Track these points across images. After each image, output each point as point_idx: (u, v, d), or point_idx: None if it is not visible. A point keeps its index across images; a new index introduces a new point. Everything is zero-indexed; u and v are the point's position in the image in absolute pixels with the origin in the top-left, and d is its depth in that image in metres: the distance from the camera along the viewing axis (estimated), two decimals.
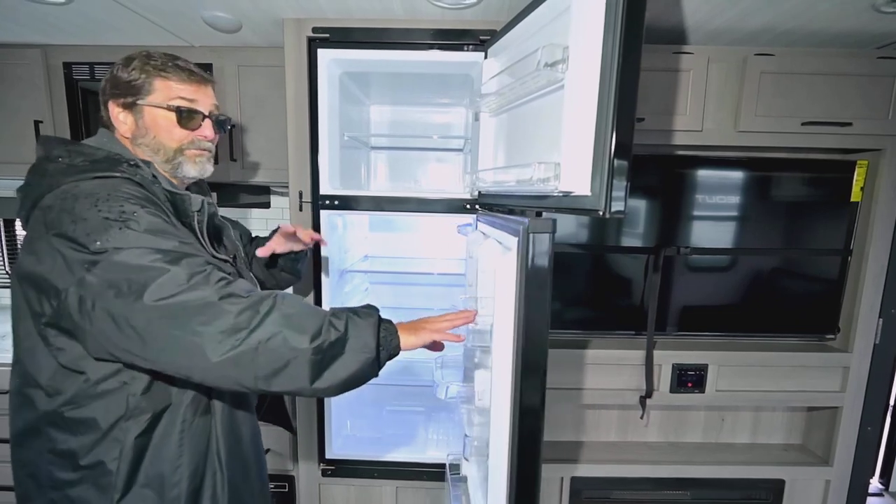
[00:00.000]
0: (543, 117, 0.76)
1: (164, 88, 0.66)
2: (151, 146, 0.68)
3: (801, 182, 1.27)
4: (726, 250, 1.29)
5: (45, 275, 0.55)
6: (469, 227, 1.20)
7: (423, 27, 1.09)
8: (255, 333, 0.53)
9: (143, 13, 1.09)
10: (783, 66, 1.14)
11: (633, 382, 1.28)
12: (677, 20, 1.07)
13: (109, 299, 0.52)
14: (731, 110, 1.18)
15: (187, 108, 0.68)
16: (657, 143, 1.19)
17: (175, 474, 0.62)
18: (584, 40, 0.60)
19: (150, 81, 0.66)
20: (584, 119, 0.60)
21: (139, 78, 0.65)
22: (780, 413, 1.42)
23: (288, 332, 0.54)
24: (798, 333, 1.34)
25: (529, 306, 0.62)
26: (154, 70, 0.66)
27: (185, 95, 0.67)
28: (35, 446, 0.60)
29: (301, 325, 0.55)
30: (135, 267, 0.53)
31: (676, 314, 1.31)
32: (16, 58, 1.28)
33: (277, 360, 0.54)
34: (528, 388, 0.63)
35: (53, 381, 0.59)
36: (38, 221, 0.58)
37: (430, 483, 1.24)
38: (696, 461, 1.32)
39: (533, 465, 0.66)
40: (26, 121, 1.30)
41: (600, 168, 0.58)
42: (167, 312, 0.52)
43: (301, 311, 0.58)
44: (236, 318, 0.53)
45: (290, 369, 0.54)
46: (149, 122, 0.67)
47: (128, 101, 0.66)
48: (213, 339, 0.52)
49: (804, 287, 1.31)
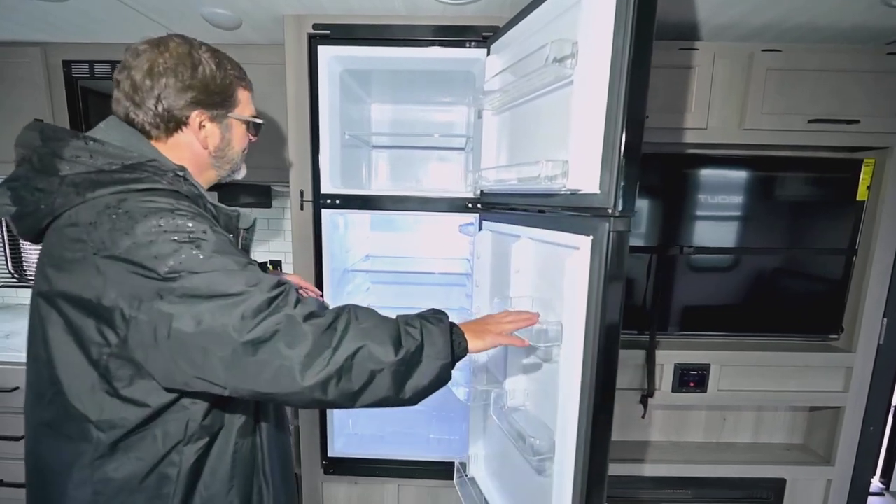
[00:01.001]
0: (550, 114, 0.75)
1: (246, 100, 0.66)
2: (227, 158, 0.66)
3: (806, 181, 1.26)
4: (730, 249, 1.28)
5: (102, 301, 0.49)
6: (471, 227, 1.20)
7: (425, 23, 1.08)
8: (339, 351, 0.52)
9: (143, 10, 1.08)
10: (790, 63, 1.13)
11: (634, 382, 1.27)
12: (684, 15, 1.05)
13: (188, 327, 0.48)
14: (737, 108, 1.16)
15: (260, 122, 0.68)
16: (661, 142, 1.18)
17: (229, 495, 0.61)
18: (593, 35, 0.59)
19: (235, 91, 0.63)
20: (594, 116, 0.60)
21: (229, 87, 0.62)
22: (782, 413, 1.41)
23: (372, 345, 0.54)
24: (801, 333, 1.34)
25: (607, 309, 0.60)
26: (236, 79, 0.63)
27: (255, 107, 0.68)
28: (84, 477, 0.54)
29: (381, 337, 0.55)
30: (213, 292, 0.49)
31: (679, 314, 1.31)
32: (16, 56, 1.28)
33: (363, 374, 0.53)
34: (603, 394, 0.62)
35: (109, 414, 0.53)
36: (71, 238, 0.51)
37: (433, 481, 1.25)
38: (698, 460, 1.32)
39: (602, 468, 0.65)
40: (27, 119, 1.28)
41: (610, 165, 0.57)
42: (253, 338, 0.49)
43: (377, 322, 0.57)
44: (320, 338, 0.51)
45: (375, 383, 0.54)
46: (234, 135, 0.65)
47: (220, 113, 0.62)
48: (301, 362, 0.50)
49: (808, 287, 1.30)
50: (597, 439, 0.64)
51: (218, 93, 0.60)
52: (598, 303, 0.61)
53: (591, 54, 0.60)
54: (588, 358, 0.64)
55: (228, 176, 0.70)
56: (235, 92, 0.63)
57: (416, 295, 1.54)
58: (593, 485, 0.65)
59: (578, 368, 0.66)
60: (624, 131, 0.55)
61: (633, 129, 0.55)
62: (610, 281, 0.60)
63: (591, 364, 0.64)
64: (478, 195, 1.09)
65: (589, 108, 0.60)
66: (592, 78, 0.59)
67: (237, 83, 0.64)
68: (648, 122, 1.14)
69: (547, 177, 0.66)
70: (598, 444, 0.64)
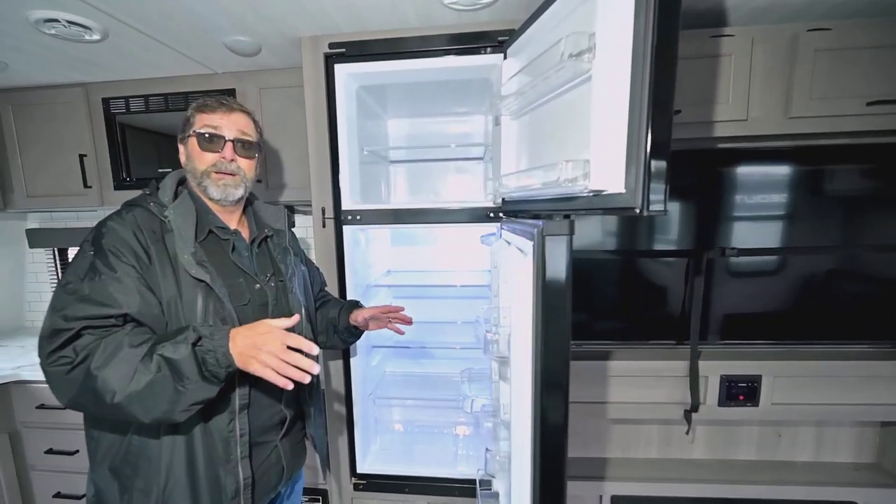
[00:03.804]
0: (569, 114, 0.71)
1: (199, 120, 0.77)
2: (190, 170, 0.78)
3: (863, 171, 1.13)
4: (777, 250, 1.17)
5: None
6: (493, 237, 1.17)
7: (439, 33, 1.07)
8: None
9: (171, 44, 1.14)
10: (842, 42, 1.02)
11: (675, 396, 1.19)
12: (715, 1, 0.97)
13: None
14: (782, 95, 1.06)
15: (210, 133, 0.76)
16: (696, 137, 1.10)
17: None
18: (612, 25, 0.55)
19: (194, 116, 0.77)
20: (615, 111, 0.55)
21: (189, 117, 0.78)
22: (847, 428, 1.28)
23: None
24: (867, 340, 1.20)
25: (548, 314, 0.59)
26: (196, 108, 0.78)
27: (210, 123, 0.76)
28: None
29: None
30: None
31: (719, 322, 1.21)
32: (61, 97, 1.38)
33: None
34: (549, 402, 0.61)
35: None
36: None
37: (462, 499, 1.22)
38: (751, 480, 1.22)
39: (558, 483, 0.63)
40: (71, 155, 1.40)
41: (635, 162, 0.53)
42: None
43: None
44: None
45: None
46: (190, 150, 0.77)
47: (182, 137, 0.79)
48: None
49: (870, 288, 1.16)
50: (546, 456, 0.61)
51: (182, 124, 0.78)
52: (539, 312, 0.59)
53: (611, 45, 0.55)
54: (537, 371, 0.61)
55: (206, 192, 0.77)
56: (193, 117, 0.77)
57: (439, 308, 1.52)
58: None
59: (528, 381, 0.63)
60: (650, 123, 0.50)
61: (659, 120, 0.50)
62: (546, 289, 0.58)
63: (537, 378, 0.61)
64: (498, 203, 1.06)
65: (610, 104, 0.56)
66: (613, 71, 0.55)
67: (196, 110, 0.77)
68: (681, 116, 1.07)
69: (567, 179, 0.62)
70: (548, 463, 0.61)
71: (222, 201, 0.77)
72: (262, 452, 0.78)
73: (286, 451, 0.83)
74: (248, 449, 0.74)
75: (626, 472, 1.26)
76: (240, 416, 0.72)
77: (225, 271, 0.75)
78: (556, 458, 0.61)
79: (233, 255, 0.77)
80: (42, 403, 1.32)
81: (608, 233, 1.22)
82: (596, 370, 1.20)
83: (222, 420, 0.71)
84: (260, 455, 0.78)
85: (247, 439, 0.73)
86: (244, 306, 0.75)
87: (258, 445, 0.77)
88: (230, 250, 0.78)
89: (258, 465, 0.77)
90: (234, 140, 0.77)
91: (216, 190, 0.76)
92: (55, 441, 1.34)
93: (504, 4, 0.98)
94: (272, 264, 0.84)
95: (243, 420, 0.73)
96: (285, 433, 0.83)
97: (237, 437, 0.72)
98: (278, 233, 0.87)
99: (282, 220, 0.89)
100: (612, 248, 1.22)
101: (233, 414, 0.71)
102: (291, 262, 0.86)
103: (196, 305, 0.68)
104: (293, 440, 0.86)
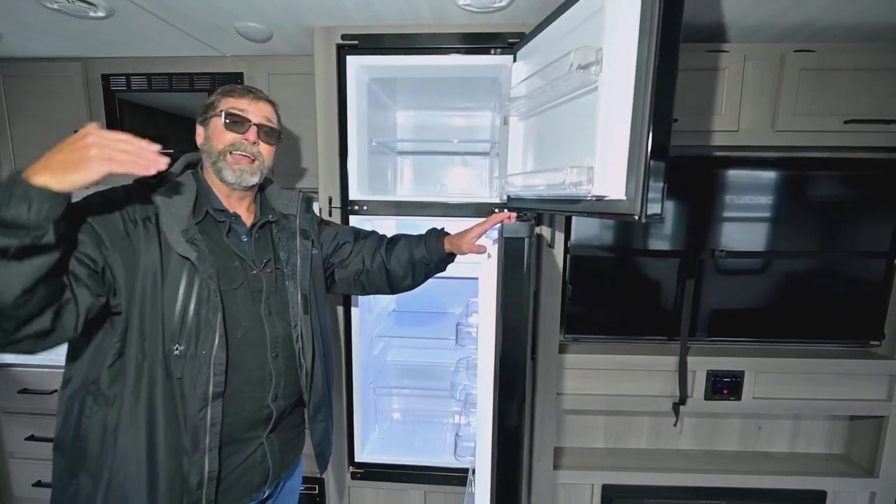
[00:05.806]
0: (575, 120, 0.75)
1: (225, 103, 0.78)
2: (206, 150, 0.78)
3: (842, 181, 1.22)
4: (763, 253, 1.25)
5: None
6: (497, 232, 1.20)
7: (451, 31, 1.09)
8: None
9: (179, 25, 1.12)
10: (824, 63, 1.10)
11: (666, 389, 1.25)
12: (712, 18, 1.04)
13: None
14: (769, 109, 1.14)
15: (237, 115, 0.77)
16: (691, 144, 1.17)
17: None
18: (618, 42, 0.59)
19: (219, 100, 0.78)
20: (619, 122, 0.59)
21: (214, 101, 0.79)
22: (820, 422, 1.37)
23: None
24: (840, 339, 1.29)
25: (507, 313, 0.61)
26: (223, 92, 0.79)
27: (237, 106, 0.77)
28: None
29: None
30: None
31: (709, 319, 1.28)
32: (58, 71, 1.33)
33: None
34: (506, 395, 0.63)
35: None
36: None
37: (460, 488, 1.24)
38: (733, 470, 1.29)
39: (514, 464, 0.65)
40: (67, 131, 1.34)
41: (636, 172, 0.56)
42: None
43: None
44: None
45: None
46: (210, 131, 0.78)
47: (203, 118, 0.79)
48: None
49: (846, 291, 1.26)
50: (502, 451, 0.64)
51: (205, 107, 0.80)
52: (499, 312, 0.62)
53: (616, 61, 0.59)
54: (497, 369, 0.64)
55: (220, 173, 0.77)
56: (218, 101, 0.78)
57: (443, 300, 1.54)
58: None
59: (490, 378, 0.65)
60: (650, 137, 0.54)
61: (659, 134, 0.53)
62: (507, 288, 0.61)
63: (497, 375, 0.64)
64: (504, 200, 1.09)
65: (614, 115, 0.60)
66: (617, 84, 0.59)
67: (223, 95, 0.78)
68: (678, 125, 1.13)
69: (572, 183, 0.65)
70: (504, 459, 0.64)
71: (235, 185, 0.76)
72: (244, 449, 0.74)
73: (273, 449, 0.78)
74: (217, 440, 0.68)
75: (617, 462, 1.31)
76: (213, 403, 0.67)
77: (219, 253, 0.73)
78: (511, 456, 0.63)
79: (228, 238, 0.76)
80: (25, 388, 1.26)
81: (606, 228, 1.27)
82: (589, 364, 1.24)
83: (193, 406, 0.66)
84: (242, 452, 0.73)
85: (218, 429, 0.68)
86: (234, 290, 0.73)
87: (240, 441, 0.73)
88: (226, 232, 0.76)
89: (239, 463, 0.73)
90: (259, 125, 0.78)
91: (231, 174, 0.75)
92: (38, 427, 1.28)
93: (515, 9, 1.01)
94: (272, 250, 0.82)
95: (216, 409, 0.68)
96: (273, 429, 0.78)
97: (207, 427, 0.67)
98: (287, 217, 0.85)
99: (294, 205, 0.87)
100: (610, 247, 1.27)
101: (205, 401, 0.67)
102: (298, 246, 0.83)
103: (180, 283, 0.67)
104: (284, 438, 0.81)
